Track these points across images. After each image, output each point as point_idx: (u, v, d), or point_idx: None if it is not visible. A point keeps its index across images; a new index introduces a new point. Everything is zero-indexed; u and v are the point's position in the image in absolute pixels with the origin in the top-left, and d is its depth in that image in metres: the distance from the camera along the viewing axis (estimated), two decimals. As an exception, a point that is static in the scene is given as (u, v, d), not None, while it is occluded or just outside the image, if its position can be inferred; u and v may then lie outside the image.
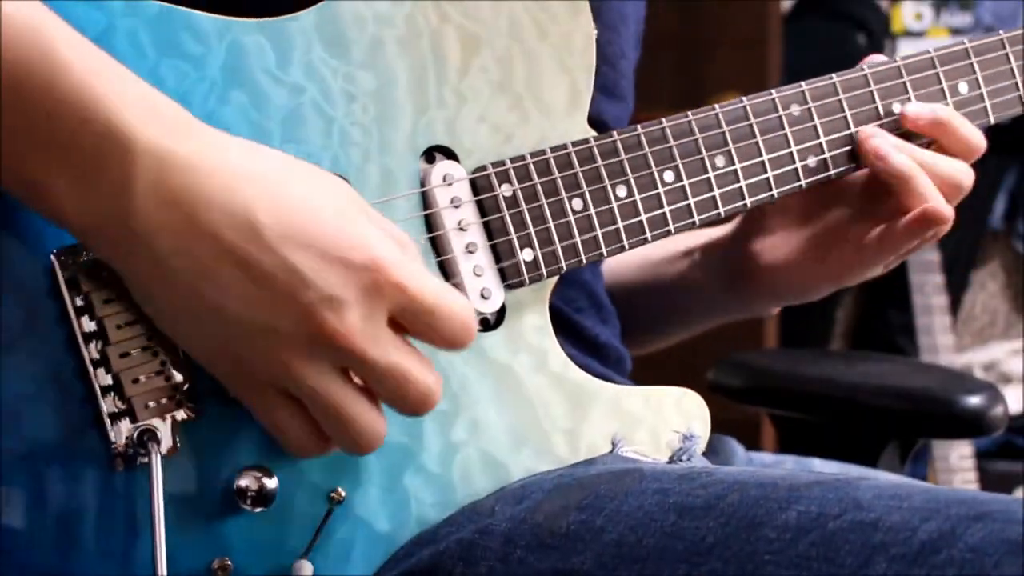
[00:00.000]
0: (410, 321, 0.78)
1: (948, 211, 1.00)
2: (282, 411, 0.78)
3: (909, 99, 1.03)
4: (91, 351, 0.79)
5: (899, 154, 1.00)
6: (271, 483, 0.82)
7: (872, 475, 1.05)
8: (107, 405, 0.79)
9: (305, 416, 0.78)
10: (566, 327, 1.01)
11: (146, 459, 0.79)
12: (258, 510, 0.82)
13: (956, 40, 1.09)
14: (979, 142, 1.03)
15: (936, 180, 1.01)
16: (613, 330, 1.09)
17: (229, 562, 0.81)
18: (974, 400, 1.38)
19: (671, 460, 0.93)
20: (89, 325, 0.79)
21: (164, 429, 0.79)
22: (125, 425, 0.79)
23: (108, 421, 0.78)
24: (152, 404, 0.80)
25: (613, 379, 0.97)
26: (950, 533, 0.70)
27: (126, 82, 0.74)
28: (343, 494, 0.84)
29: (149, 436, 0.79)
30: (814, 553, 0.73)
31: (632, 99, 1.11)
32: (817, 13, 2.99)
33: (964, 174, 1.02)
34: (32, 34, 0.72)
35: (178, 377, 0.80)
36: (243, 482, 0.81)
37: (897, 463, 1.38)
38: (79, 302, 0.79)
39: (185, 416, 0.80)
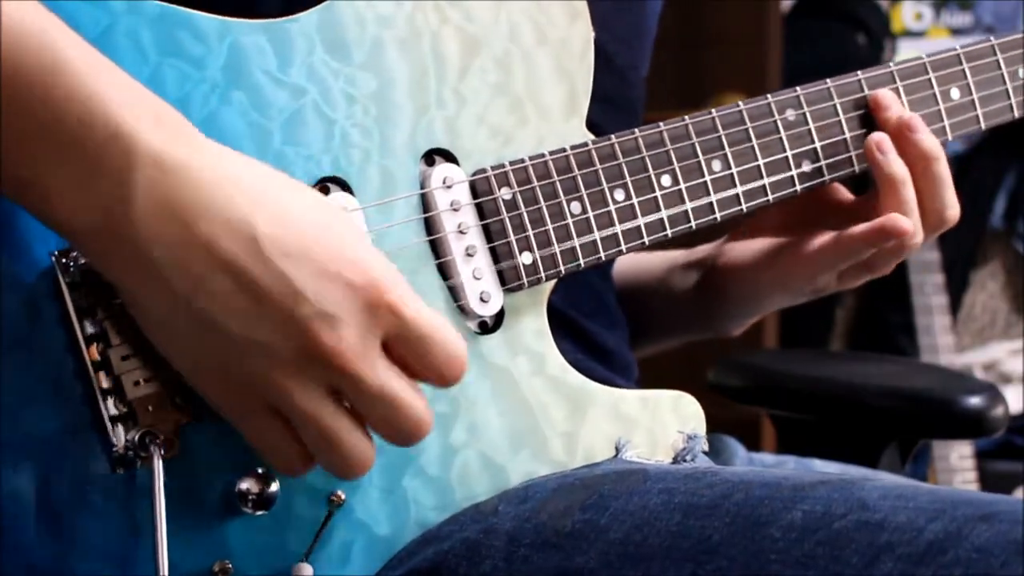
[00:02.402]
0: (403, 347, 0.77)
1: (908, 226, 0.99)
2: (269, 430, 0.77)
3: (902, 104, 1.03)
4: (92, 353, 0.78)
5: (899, 158, 1.00)
6: (272, 486, 0.82)
7: (876, 476, 1.05)
8: (108, 408, 0.78)
9: (292, 435, 0.77)
10: (574, 331, 1.01)
11: (147, 462, 0.78)
12: (259, 513, 0.82)
13: (956, 40, 1.09)
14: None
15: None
16: (621, 335, 1.09)
17: (230, 565, 0.81)
18: (975, 400, 1.37)
19: (675, 460, 0.93)
20: (90, 327, 0.78)
21: (165, 432, 0.79)
22: (126, 428, 0.79)
23: (109, 424, 0.78)
24: (153, 407, 0.79)
25: (618, 385, 0.97)
26: (956, 533, 0.70)
27: (129, 87, 0.74)
28: (343, 497, 0.84)
29: (150, 439, 0.79)
30: (820, 552, 0.73)
31: (641, 111, 1.11)
32: (817, 13, 2.99)
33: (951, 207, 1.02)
34: (34, 36, 0.72)
35: (179, 380, 0.80)
36: (244, 485, 0.81)
37: (898, 463, 1.38)
38: (80, 304, 0.78)
39: (186, 419, 0.80)
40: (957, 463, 2.69)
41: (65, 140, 0.72)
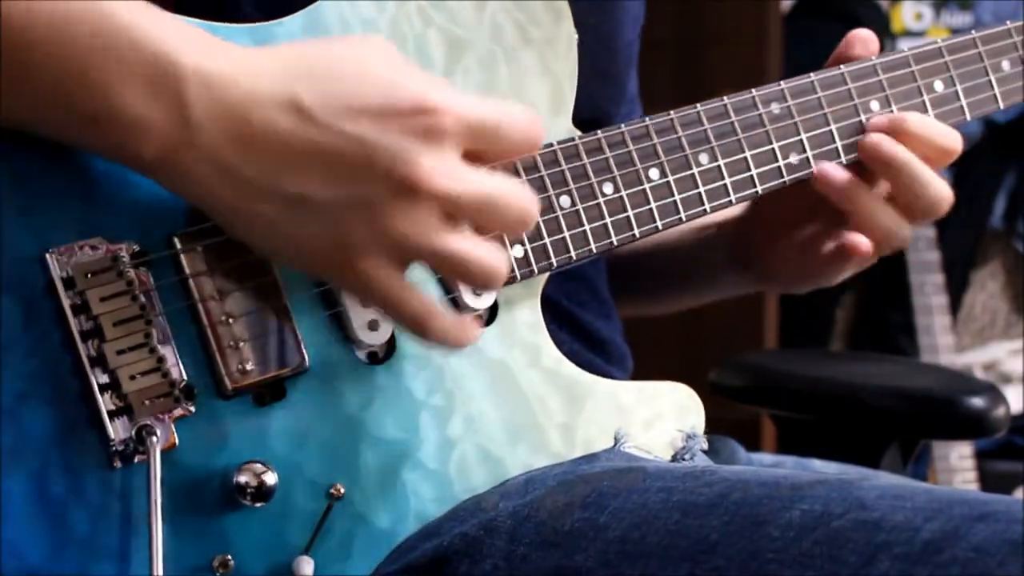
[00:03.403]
0: (484, 146, 0.80)
1: (868, 249, 1.03)
2: (393, 282, 0.79)
3: (886, 97, 1.03)
4: (88, 349, 0.79)
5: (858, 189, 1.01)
6: (270, 479, 0.82)
7: (875, 475, 1.06)
8: (105, 403, 0.79)
9: (415, 289, 0.79)
10: (568, 322, 1.02)
11: (145, 456, 0.79)
12: (258, 506, 0.82)
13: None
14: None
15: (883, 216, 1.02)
16: (615, 325, 1.10)
17: (230, 559, 0.81)
18: (976, 401, 1.37)
19: (674, 459, 0.94)
20: (85, 323, 0.79)
21: (162, 426, 0.80)
22: (123, 422, 0.79)
23: (106, 419, 0.79)
24: (150, 401, 0.80)
25: (613, 374, 0.98)
26: (953, 533, 0.70)
27: (163, 17, 0.77)
28: (342, 490, 0.84)
29: (148, 433, 0.79)
30: (817, 552, 0.73)
31: (628, 78, 1.12)
32: (817, 13, 2.99)
33: (898, 224, 1.03)
34: None
35: (175, 374, 0.81)
36: (242, 478, 0.81)
37: (899, 464, 1.38)
38: (75, 300, 0.79)
39: (183, 413, 0.81)
40: (957, 463, 2.69)
41: (125, 62, 0.74)
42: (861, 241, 1.04)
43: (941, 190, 1.02)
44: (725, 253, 1.16)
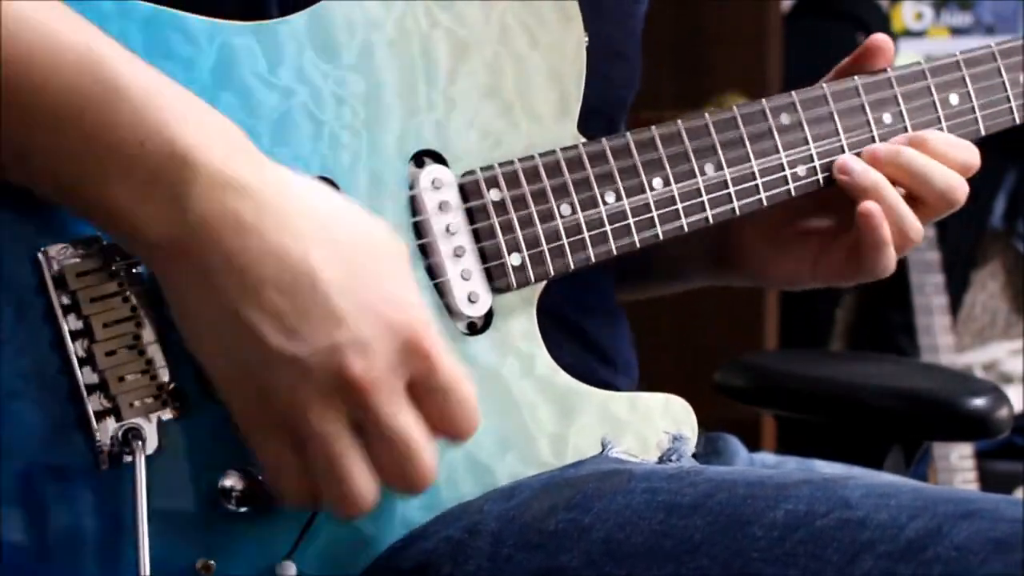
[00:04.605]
0: (426, 394, 0.78)
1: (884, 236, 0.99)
2: (281, 452, 0.77)
3: (900, 111, 1.03)
4: (77, 349, 0.79)
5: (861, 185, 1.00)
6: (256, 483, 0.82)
7: (863, 474, 1.06)
8: (92, 403, 0.79)
9: (302, 463, 0.77)
10: (573, 331, 1.01)
11: (131, 458, 0.79)
12: (243, 510, 0.82)
13: (956, 40, 1.09)
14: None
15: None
16: (622, 332, 1.09)
17: (212, 563, 0.81)
18: (979, 402, 1.37)
19: (660, 460, 0.94)
20: (75, 323, 0.79)
21: (149, 428, 0.80)
22: (110, 424, 0.79)
23: (93, 419, 0.79)
24: (137, 403, 0.80)
25: (616, 383, 0.97)
26: (937, 531, 0.71)
27: (187, 103, 0.76)
28: (328, 495, 0.84)
29: (134, 435, 0.79)
30: (801, 551, 0.73)
31: (639, 60, 1.11)
32: (817, 13, 2.98)
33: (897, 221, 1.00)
34: (86, 56, 0.74)
35: (164, 376, 0.81)
36: (228, 482, 0.82)
37: (903, 465, 1.38)
38: (65, 300, 0.79)
39: (170, 415, 0.81)
40: (957, 463, 2.69)
41: (124, 161, 0.74)
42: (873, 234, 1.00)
43: (950, 177, 1.00)
44: (707, 246, 1.14)
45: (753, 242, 1.08)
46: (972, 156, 1.02)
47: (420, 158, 0.89)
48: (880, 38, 1.04)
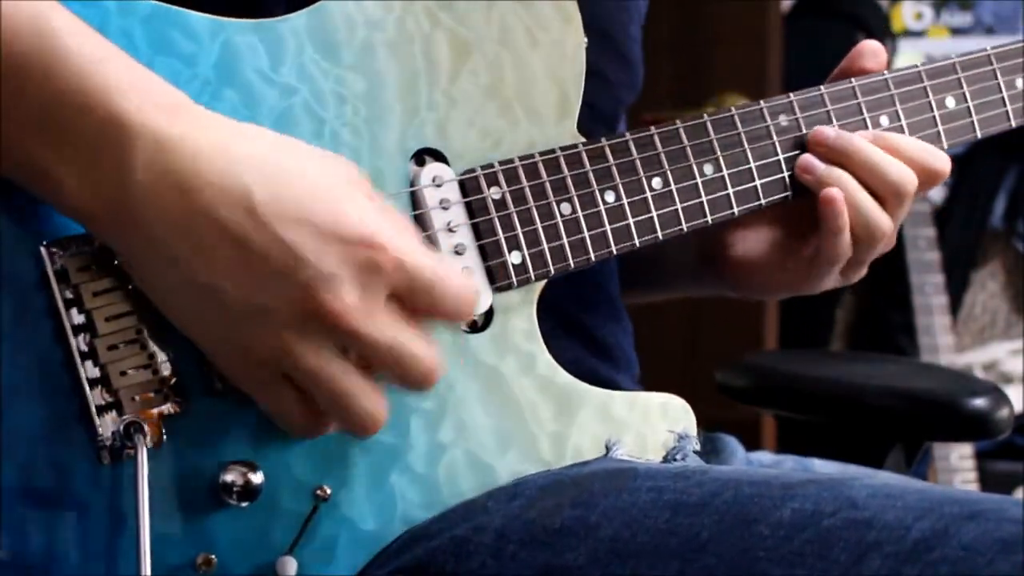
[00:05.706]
0: (410, 298, 0.78)
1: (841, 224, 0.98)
2: (282, 395, 0.78)
3: (897, 113, 1.03)
4: (79, 343, 0.79)
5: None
6: (256, 478, 0.82)
7: (867, 474, 1.05)
8: (94, 398, 0.79)
9: (305, 398, 0.78)
10: (575, 328, 1.01)
11: (132, 452, 0.79)
12: (243, 505, 0.82)
13: (956, 40, 1.09)
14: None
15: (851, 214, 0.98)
16: (624, 330, 1.09)
17: (213, 557, 0.81)
18: (979, 402, 1.37)
19: (665, 459, 0.94)
20: (77, 317, 0.79)
21: (150, 423, 0.80)
22: (112, 418, 0.79)
23: (95, 414, 0.79)
24: (139, 397, 0.80)
25: (618, 381, 0.97)
26: (943, 532, 0.71)
27: (129, 71, 0.76)
28: (328, 492, 0.84)
29: (136, 429, 0.79)
30: (808, 550, 0.73)
31: (640, 62, 1.11)
32: (817, 13, 2.99)
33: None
34: (33, 22, 0.74)
35: (165, 371, 0.81)
36: (229, 477, 0.82)
37: (903, 465, 1.38)
38: (68, 294, 0.79)
39: (172, 410, 0.81)
40: (957, 463, 2.69)
41: (66, 128, 0.74)
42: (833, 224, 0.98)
43: (903, 172, 0.99)
44: (694, 252, 1.13)
45: (734, 247, 1.07)
46: (937, 161, 1.01)
47: (421, 156, 0.90)
48: (870, 44, 1.04)
